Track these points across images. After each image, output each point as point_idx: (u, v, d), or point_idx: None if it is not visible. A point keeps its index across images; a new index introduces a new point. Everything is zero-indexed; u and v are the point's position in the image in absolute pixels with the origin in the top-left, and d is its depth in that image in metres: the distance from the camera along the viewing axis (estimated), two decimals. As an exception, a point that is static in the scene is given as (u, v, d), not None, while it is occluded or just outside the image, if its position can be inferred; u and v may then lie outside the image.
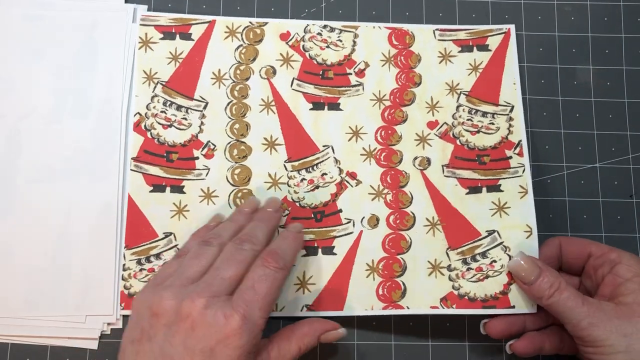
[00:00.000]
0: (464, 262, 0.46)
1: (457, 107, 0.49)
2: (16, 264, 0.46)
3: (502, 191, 0.48)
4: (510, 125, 0.48)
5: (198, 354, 0.35)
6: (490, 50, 0.50)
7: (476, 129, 0.49)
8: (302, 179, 0.49)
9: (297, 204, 0.48)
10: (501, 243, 0.47)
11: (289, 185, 0.48)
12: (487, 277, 0.46)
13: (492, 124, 0.48)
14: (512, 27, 0.52)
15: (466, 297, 0.46)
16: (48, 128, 0.48)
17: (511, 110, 0.49)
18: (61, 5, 0.50)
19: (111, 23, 0.50)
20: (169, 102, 0.49)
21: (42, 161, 0.48)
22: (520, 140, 0.48)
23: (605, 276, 0.43)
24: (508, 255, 0.46)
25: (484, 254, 0.46)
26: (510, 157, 0.48)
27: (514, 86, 0.49)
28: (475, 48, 0.51)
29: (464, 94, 0.50)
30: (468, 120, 0.49)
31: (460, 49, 0.51)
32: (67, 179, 0.47)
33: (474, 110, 0.49)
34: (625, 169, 0.50)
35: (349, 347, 0.47)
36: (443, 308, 0.46)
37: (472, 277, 0.46)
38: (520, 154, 0.48)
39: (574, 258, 0.46)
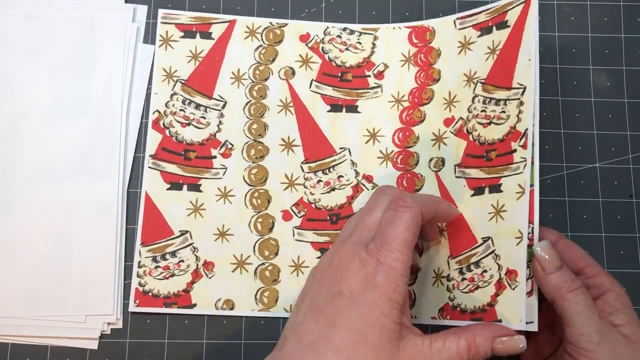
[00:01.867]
0: (460, 271, 0.43)
1: (473, 98, 0.45)
2: (16, 264, 0.46)
3: (501, 191, 0.42)
4: (520, 111, 0.42)
5: (338, 294, 0.36)
6: (509, 27, 0.44)
7: (488, 120, 0.44)
8: (319, 181, 0.49)
9: (313, 205, 0.48)
10: (493, 251, 0.42)
11: (305, 187, 0.49)
12: (478, 287, 0.42)
13: (504, 112, 0.43)
14: None
15: (458, 309, 0.43)
16: (47, 127, 0.48)
17: (523, 93, 0.42)
18: (60, 4, 0.50)
19: (110, 22, 0.50)
20: (187, 101, 0.49)
21: (41, 160, 0.48)
22: (527, 130, 0.41)
23: (594, 300, 0.40)
24: (497, 264, 0.41)
25: (477, 264, 0.42)
26: (515, 151, 0.42)
27: (529, 63, 0.42)
28: (494, 28, 0.45)
29: (480, 82, 0.45)
30: (482, 111, 0.45)
31: (479, 33, 0.46)
32: (66, 178, 0.47)
33: (488, 99, 0.44)
34: (625, 169, 0.50)
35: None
36: (440, 319, 0.44)
37: (464, 288, 0.43)
38: (524, 146, 0.41)
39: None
